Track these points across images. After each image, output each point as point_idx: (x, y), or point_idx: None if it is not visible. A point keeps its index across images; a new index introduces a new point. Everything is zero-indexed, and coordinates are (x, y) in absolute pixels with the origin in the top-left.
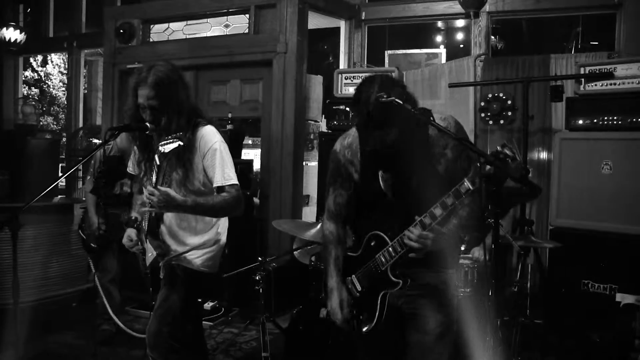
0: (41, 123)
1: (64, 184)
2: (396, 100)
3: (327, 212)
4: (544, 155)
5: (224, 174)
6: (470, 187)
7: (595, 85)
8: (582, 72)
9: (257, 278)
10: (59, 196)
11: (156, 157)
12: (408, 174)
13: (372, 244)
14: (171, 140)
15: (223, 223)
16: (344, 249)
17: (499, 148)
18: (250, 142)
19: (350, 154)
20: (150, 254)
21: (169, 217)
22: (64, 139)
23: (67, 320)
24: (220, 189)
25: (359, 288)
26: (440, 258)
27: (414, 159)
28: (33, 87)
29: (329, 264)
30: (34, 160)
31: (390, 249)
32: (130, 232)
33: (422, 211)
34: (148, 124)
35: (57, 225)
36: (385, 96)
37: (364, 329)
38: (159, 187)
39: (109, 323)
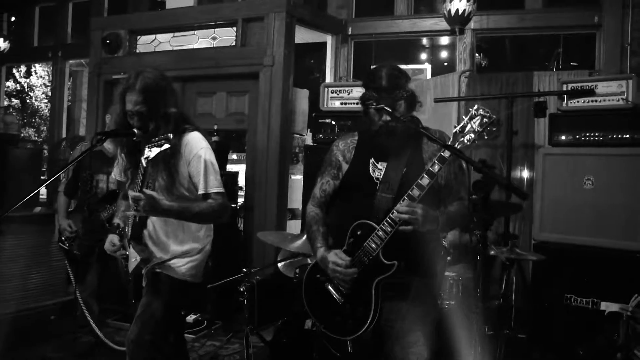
0: (22, 135)
1: (44, 195)
2: (385, 108)
3: (312, 199)
4: (527, 170)
5: (209, 182)
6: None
7: (577, 102)
8: (564, 88)
9: (242, 290)
10: (39, 208)
11: (142, 159)
12: (399, 165)
13: (359, 233)
14: (158, 142)
15: (208, 232)
16: (328, 230)
17: (472, 111)
18: (235, 157)
19: (344, 146)
20: (134, 259)
21: (153, 222)
22: (46, 151)
23: (45, 333)
24: (206, 196)
25: (349, 284)
26: (421, 264)
27: (407, 153)
28: (14, 98)
29: (317, 239)
30: (15, 170)
31: (379, 232)
32: (113, 238)
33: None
34: (135, 130)
35: (37, 236)
36: (374, 104)
37: (362, 329)
38: (144, 190)
39: (87, 335)
